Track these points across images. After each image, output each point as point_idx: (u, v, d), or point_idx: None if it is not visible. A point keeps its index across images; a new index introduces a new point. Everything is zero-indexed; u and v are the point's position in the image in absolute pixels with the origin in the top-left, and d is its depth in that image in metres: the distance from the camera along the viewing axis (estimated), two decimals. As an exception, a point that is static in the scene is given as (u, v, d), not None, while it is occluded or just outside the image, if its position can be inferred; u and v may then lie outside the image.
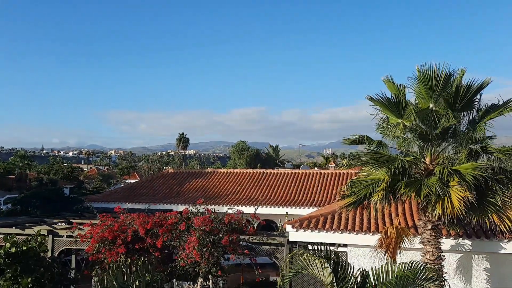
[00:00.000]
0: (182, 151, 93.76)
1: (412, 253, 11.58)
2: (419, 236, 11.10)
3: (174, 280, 15.49)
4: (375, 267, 7.04)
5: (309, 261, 6.97)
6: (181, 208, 18.10)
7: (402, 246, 10.88)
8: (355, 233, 13.03)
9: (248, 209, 20.02)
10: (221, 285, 14.49)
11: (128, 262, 12.77)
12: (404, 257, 10.79)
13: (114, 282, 11.07)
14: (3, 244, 14.28)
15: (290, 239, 14.11)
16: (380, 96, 10.46)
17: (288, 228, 13.96)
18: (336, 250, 13.26)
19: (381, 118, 10.83)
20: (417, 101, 10.46)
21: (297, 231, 13.77)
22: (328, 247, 7.72)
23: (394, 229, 10.69)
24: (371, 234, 12.66)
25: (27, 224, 18.48)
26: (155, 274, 12.66)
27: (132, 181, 50.20)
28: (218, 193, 26.16)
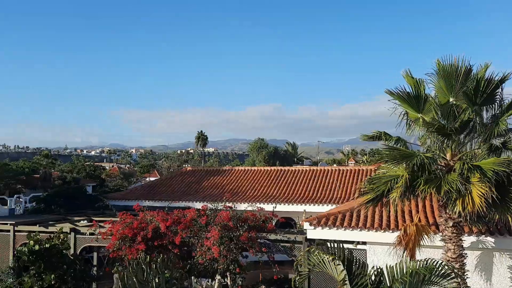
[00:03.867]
0: (201, 149, 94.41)
1: (433, 250, 11.38)
2: (440, 234, 10.90)
3: (192, 277, 15.63)
4: (390, 264, 6.94)
5: (322, 259, 6.91)
6: (199, 205, 18.24)
7: (423, 244, 10.70)
8: (374, 230, 12.87)
9: (266, 207, 20.02)
10: (240, 282, 14.54)
11: (148, 259, 12.92)
12: (425, 254, 10.59)
13: (134, 279, 11.23)
14: (27, 241, 14.69)
15: (308, 237, 14.04)
16: (399, 90, 10.30)
17: (306, 225, 13.90)
18: (354, 247, 13.17)
19: (400, 112, 10.67)
20: (436, 96, 10.27)
21: (315, 228, 13.69)
22: (342, 244, 7.64)
23: (414, 226, 10.52)
24: (391, 231, 12.49)
25: (50, 222, 18.91)
26: (174, 271, 12.81)
27: (152, 179, 50.82)
28: (236, 191, 26.22)
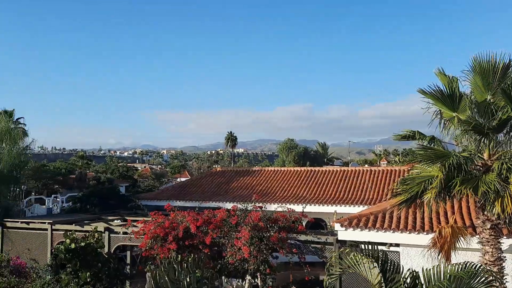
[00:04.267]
0: (231, 150, 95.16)
1: (469, 253, 10.99)
2: (477, 236, 10.52)
3: (223, 277, 15.72)
4: (426, 268, 6.73)
5: (356, 261, 6.79)
6: (229, 205, 18.34)
7: (458, 246, 10.35)
8: (408, 232, 12.57)
9: (296, 207, 19.92)
10: (270, 283, 14.51)
11: (179, 258, 13.09)
12: (460, 257, 10.24)
13: (166, 278, 11.41)
14: (64, 240, 15.18)
15: (339, 238, 13.88)
16: (432, 89, 10.00)
17: (337, 226, 13.74)
18: (387, 249, 12.90)
19: (434, 111, 10.38)
20: (472, 93, 9.92)
21: (346, 229, 13.51)
22: (376, 246, 7.48)
23: (449, 228, 10.18)
24: (425, 233, 12.17)
25: (85, 221, 19.46)
26: (205, 271, 12.93)
27: (183, 179, 51.57)
28: (266, 191, 26.22)
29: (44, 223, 19.30)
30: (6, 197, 24.00)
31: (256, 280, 14.54)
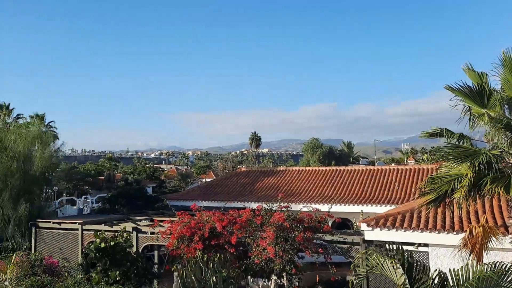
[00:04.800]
0: (255, 150, 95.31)
1: (502, 253, 10.67)
2: (510, 236, 10.20)
3: (249, 276, 15.77)
4: (454, 268, 6.56)
5: (380, 261, 6.68)
6: (254, 205, 18.38)
7: (490, 246, 10.05)
8: (437, 232, 12.31)
9: (321, 207, 19.78)
10: (296, 283, 14.47)
11: (205, 258, 13.22)
12: (492, 257, 9.93)
13: (193, 277, 11.55)
14: (94, 239, 15.57)
15: (365, 238, 13.71)
16: (460, 85, 9.74)
17: (363, 226, 13.58)
18: (415, 250, 12.66)
19: (463, 108, 10.11)
20: (503, 89, 9.61)
21: (373, 229, 13.35)
22: (401, 246, 7.36)
23: (481, 227, 9.90)
24: (454, 233, 11.89)
25: (114, 221, 19.90)
26: (231, 270, 13.01)
27: (208, 180, 51.99)
28: (291, 191, 26.15)
29: (75, 223, 19.84)
30: (39, 198, 24.78)
31: (282, 280, 14.52)
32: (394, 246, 6.98)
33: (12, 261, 11.67)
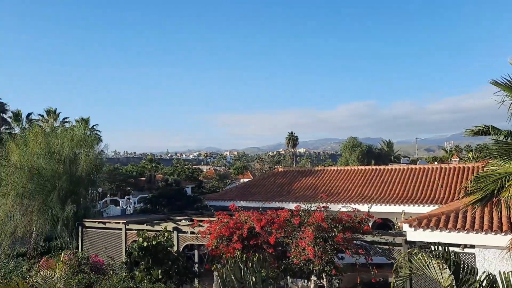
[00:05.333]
0: (292, 150, 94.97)
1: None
2: None
3: (288, 277, 15.73)
4: (504, 271, 6.26)
5: (425, 262, 6.48)
6: (292, 206, 18.32)
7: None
8: (484, 233, 11.81)
9: (361, 207, 19.44)
10: (336, 284, 14.29)
11: (244, 258, 13.29)
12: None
13: (232, 277, 11.65)
14: (137, 239, 16.03)
15: (408, 239, 13.35)
16: (507, 80, 9.29)
17: (405, 227, 13.23)
18: (461, 251, 12.19)
19: (510, 105, 9.63)
20: (555, 82, 9.08)
21: (415, 230, 12.98)
22: (447, 247, 7.10)
23: (532, 229, 9.42)
24: (503, 234, 11.36)
25: (155, 221, 20.41)
26: (270, 271, 13.01)
27: (246, 180, 52.29)
28: (329, 191, 25.84)
29: (119, 223, 20.52)
30: (84, 199, 25.80)
31: (321, 281, 14.38)
32: (440, 247, 6.75)
33: (61, 259, 12.18)
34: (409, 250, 7.93)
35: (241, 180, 59.13)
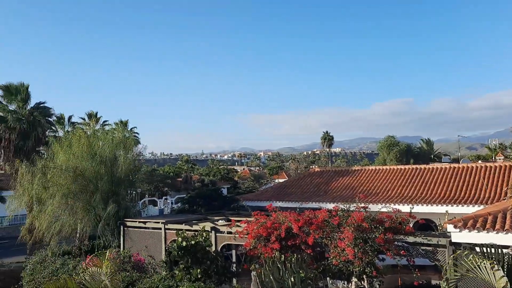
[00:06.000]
0: (327, 150, 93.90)
1: None
2: None
3: (327, 278, 15.52)
4: None
5: (476, 264, 6.19)
6: (329, 206, 18.07)
7: None
8: (535, 234, 11.19)
9: (402, 208, 18.90)
10: (377, 286, 13.95)
11: (282, 258, 13.21)
12: None
13: (271, 277, 11.60)
14: (176, 238, 16.27)
15: (452, 240, 12.85)
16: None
17: (450, 228, 12.76)
18: (510, 252, 11.61)
19: None
20: None
21: (460, 231, 12.49)
22: (499, 249, 6.76)
23: None
24: (558, 236, 10.71)
25: (193, 221, 20.66)
26: (309, 271, 12.87)
27: (281, 180, 52.16)
28: (367, 191, 25.34)
29: (158, 222, 20.92)
30: (124, 199, 26.47)
31: (362, 282, 14.08)
32: (492, 249, 6.44)
33: (106, 257, 12.55)
34: (459, 251, 7.61)
35: (276, 180, 59.06)
